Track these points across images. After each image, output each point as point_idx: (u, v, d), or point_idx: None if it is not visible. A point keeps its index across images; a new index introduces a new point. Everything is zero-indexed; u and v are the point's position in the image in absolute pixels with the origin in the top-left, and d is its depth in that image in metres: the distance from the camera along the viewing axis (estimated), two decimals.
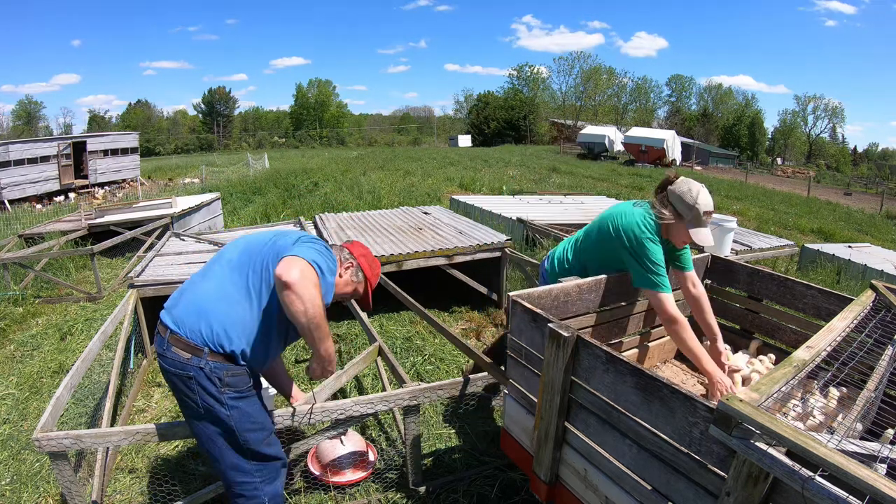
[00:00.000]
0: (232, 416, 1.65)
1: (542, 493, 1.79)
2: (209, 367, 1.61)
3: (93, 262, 5.60)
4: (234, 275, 1.68)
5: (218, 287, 1.68)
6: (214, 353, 1.62)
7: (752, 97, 57.95)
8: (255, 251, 1.71)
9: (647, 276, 2.00)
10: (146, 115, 56.56)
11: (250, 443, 1.70)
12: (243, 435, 1.68)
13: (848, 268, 5.66)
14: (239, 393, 1.66)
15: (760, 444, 1.05)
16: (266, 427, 1.77)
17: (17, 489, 2.57)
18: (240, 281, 1.66)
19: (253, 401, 1.72)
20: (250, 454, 1.72)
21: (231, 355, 1.64)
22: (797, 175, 34.10)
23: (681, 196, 1.98)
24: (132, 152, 21.26)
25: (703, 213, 1.96)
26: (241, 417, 1.67)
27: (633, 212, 2.06)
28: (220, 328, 1.62)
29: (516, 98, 50.76)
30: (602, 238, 2.13)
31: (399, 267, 4.41)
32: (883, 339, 1.62)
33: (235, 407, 1.66)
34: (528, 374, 1.83)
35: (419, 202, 10.15)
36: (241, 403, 1.67)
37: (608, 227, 2.09)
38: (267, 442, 1.77)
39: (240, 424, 1.67)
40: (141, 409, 3.31)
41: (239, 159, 25.38)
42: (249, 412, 1.69)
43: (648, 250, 1.98)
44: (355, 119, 66.57)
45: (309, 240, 1.73)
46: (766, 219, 11.80)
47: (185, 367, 1.61)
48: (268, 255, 1.68)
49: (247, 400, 1.69)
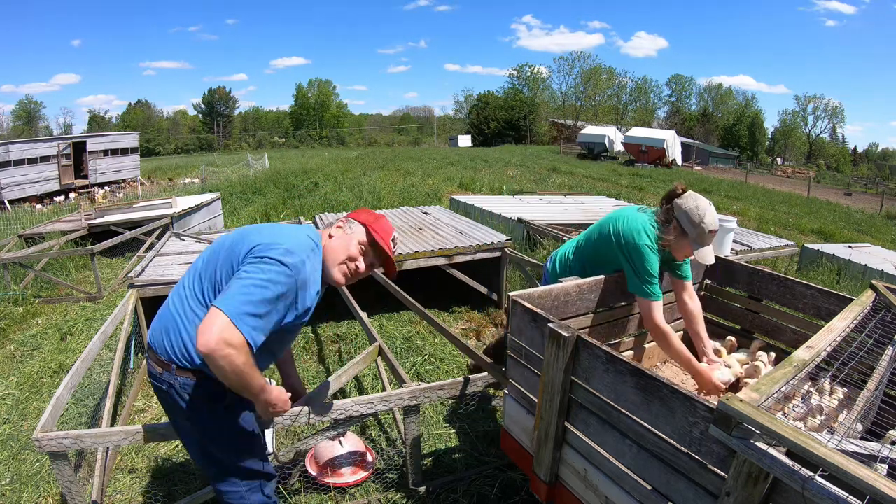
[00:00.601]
0: (206, 430, 1.60)
1: (542, 493, 1.79)
2: (178, 382, 1.52)
3: (93, 262, 5.60)
4: (196, 285, 1.53)
5: (180, 299, 1.55)
6: (182, 369, 1.51)
7: (752, 97, 58.09)
8: (213, 259, 1.53)
9: (640, 283, 2.01)
10: (146, 115, 56.54)
11: (228, 456, 1.63)
12: (220, 447, 1.62)
13: (848, 268, 5.66)
14: (214, 405, 1.57)
15: (760, 444, 1.05)
16: (246, 441, 1.66)
17: (17, 489, 2.57)
18: (200, 293, 1.51)
19: (231, 413, 1.62)
20: (230, 467, 1.65)
21: (200, 370, 1.52)
22: (797, 175, 34.10)
23: (688, 213, 1.94)
24: (132, 152, 21.25)
25: (709, 233, 1.94)
26: (219, 431, 1.60)
27: (636, 217, 2.05)
28: (180, 344, 1.50)
29: (516, 98, 50.75)
30: (602, 240, 2.14)
31: (399, 267, 4.41)
32: (883, 339, 1.62)
33: (212, 420, 1.59)
34: (528, 374, 1.83)
35: (419, 202, 10.15)
36: (219, 416, 1.59)
37: (609, 229, 2.09)
38: (250, 455, 1.67)
39: (215, 438, 1.61)
40: (141, 409, 3.31)
41: (239, 159, 25.39)
42: (227, 425, 1.61)
43: (645, 258, 1.97)
44: (355, 119, 66.57)
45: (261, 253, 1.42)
46: (766, 219, 11.80)
47: (159, 380, 1.56)
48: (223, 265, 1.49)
49: (224, 412, 1.60)
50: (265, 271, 1.39)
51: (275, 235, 1.47)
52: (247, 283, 1.37)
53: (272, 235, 1.47)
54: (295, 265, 1.43)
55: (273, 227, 1.54)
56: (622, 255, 2.03)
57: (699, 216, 1.92)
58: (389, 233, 1.66)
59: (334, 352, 4.10)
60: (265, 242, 1.44)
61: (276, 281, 1.39)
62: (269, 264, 1.40)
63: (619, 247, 2.04)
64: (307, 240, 1.52)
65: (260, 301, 1.36)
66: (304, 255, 1.47)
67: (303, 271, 1.46)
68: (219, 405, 1.57)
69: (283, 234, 1.49)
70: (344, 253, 1.59)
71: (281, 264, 1.40)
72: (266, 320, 1.40)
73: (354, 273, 1.63)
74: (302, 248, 1.47)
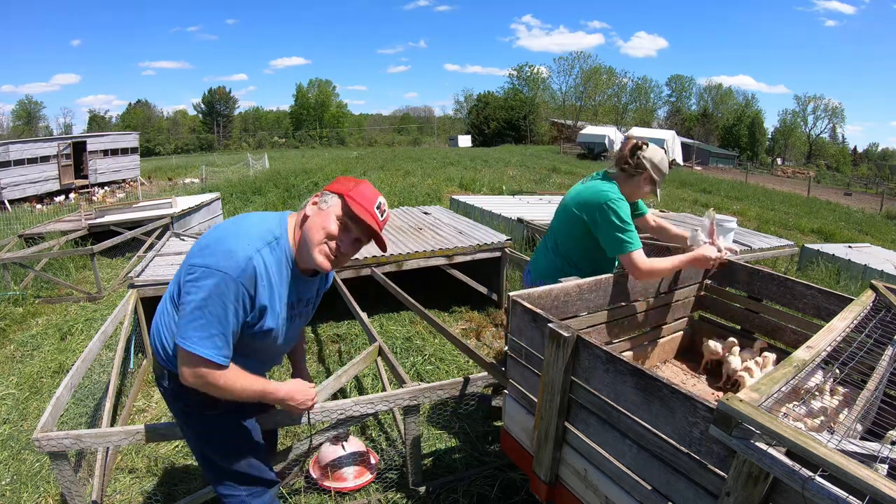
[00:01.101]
0: (201, 434, 1.60)
1: (542, 493, 1.78)
2: (172, 385, 1.52)
3: (93, 262, 5.60)
4: (175, 288, 1.46)
5: (163, 305, 1.52)
6: (173, 374, 1.49)
7: (752, 97, 58.13)
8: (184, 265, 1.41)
9: (619, 235, 2.05)
10: (146, 115, 56.59)
11: (223, 461, 1.62)
12: (215, 453, 1.62)
13: (848, 268, 5.66)
14: (207, 412, 1.55)
15: (760, 444, 1.05)
16: (242, 446, 1.64)
17: (17, 489, 2.57)
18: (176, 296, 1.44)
19: (225, 417, 1.59)
20: (226, 472, 1.63)
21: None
22: (797, 175, 34.10)
23: (658, 164, 2.16)
24: (132, 152, 21.26)
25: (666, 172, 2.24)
26: (211, 436, 1.59)
27: (591, 184, 2.19)
28: (165, 349, 1.49)
29: (516, 98, 50.75)
30: (571, 220, 2.19)
31: (399, 267, 4.41)
32: (883, 339, 1.62)
33: (204, 425, 1.58)
34: (528, 374, 1.83)
35: (419, 202, 10.15)
36: (211, 422, 1.57)
37: (572, 207, 2.18)
38: (247, 462, 1.64)
39: (209, 442, 1.60)
40: (141, 409, 3.31)
41: (239, 159, 25.39)
42: (220, 429, 1.59)
43: (619, 209, 2.06)
44: (355, 119, 66.60)
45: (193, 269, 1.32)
46: (766, 219, 11.80)
47: (159, 382, 1.58)
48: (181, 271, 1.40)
49: (218, 419, 1.58)
50: (200, 288, 1.29)
51: (217, 240, 1.35)
52: (189, 308, 1.31)
53: (215, 240, 1.35)
54: (237, 266, 1.29)
55: (222, 228, 1.41)
56: (595, 222, 2.10)
57: (667, 165, 2.20)
58: (372, 200, 1.42)
59: (334, 352, 4.10)
60: (201, 251, 1.34)
61: (213, 294, 1.29)
62: (203, 279, 1.30)
63: (589, 215, 2.11)
64: (262, 233, 1.38)
65: (206, 323, 1.30)
66: (252, 251, 1.33)
67: (248, 270, 1.31)
68: (211, 410, 1.55)
69: (227, 235, 1.36)
70: (321, 232, 1.39)
71: (215, 272, 1.29)
72: (225, 334, 1.33)
73: (337, 253, 1.42)
74: (249, 244, 1.34)
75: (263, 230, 1.39)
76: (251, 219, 1.44)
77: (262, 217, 1.45)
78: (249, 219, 1.44)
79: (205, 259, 1.31)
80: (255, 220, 1.44)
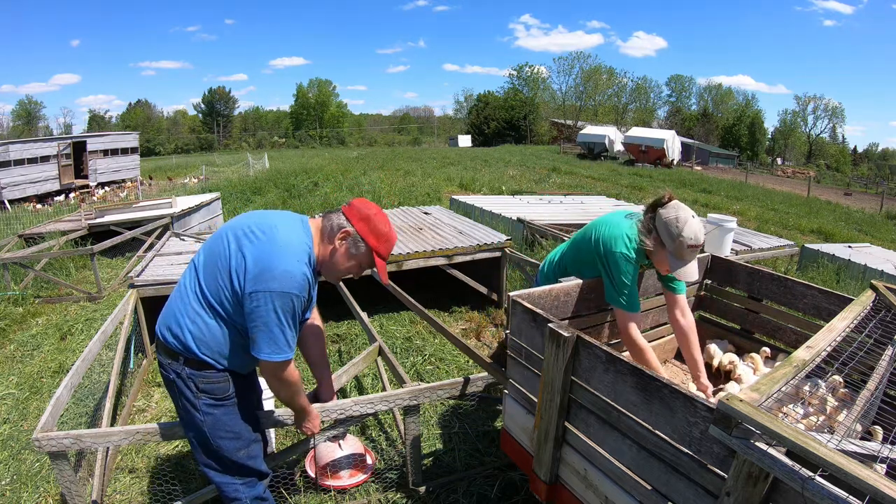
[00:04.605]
0: (205, 422, 1.65)
1: (542, 493, 1.79)
2: (185, 373, 1.61)
3: (93, 262, 5.60)
4: (196, 286, 1.60)
5: (181, 294, 1.63)
6: (189, 360, 1.60)
7: (752, 97, 58.05)
8: (212, 263, 1.58)
9: (615, 294, 1.92)
10: (146, 115, 56.65)
11: (223, 450, 1.69)
12: (216, 442, 1.67)
13: (848, 268, 5.66)
14: (215, 400, 1.64)
15: (760, 444, 1.05)
16: (243, 437, 1.72)
17: (17, 489, 2.57)
18: (201, 294, 1.58)
19: (230, 409, 1.68)
20: (225, 461, 1.71)
21: (204, 362, 1.61)
22: (797, 175, 34.09)
23: (666, 224, 1.80)
24: (132, 152, 21.29)
25: (688, 247, 1.78)
26: (215, 424, 1.66)
27: (619, 224, 1.94)
28: (184, 337, 1.59)
29: (516, 98, 50.76)
30: (584, 245, 2.07)
31: (399, 267, 4.41)
32: (883, 339, 1.62)
33: (210, 413, 1.65)
34: (528, 374, 1.83)
35: (419, 202, 10.15)
36: (217, 411, 1.65)
37: (591, 235, 2.01)
38: (246, 453, 1.73)
39: (213, 431, 1.66)
40: (141, 409, 3.31)
41: (239, 159, 25.40)
42: (225, 420, 1.67)
43: (620, 268, 1.87)
44: (355, 119, 66.62)
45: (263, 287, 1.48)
46: (766, 219, 11.80)
47: (167, 369, 1.65)
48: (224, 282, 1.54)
49: (224, 408, 1.67)
50: (272, 310, 1.50)
51: (268, 265, 1.50)
52: (269, 328, 1.51)
53: (266, 265, 1.50)
54: (298, 284, 1.52)
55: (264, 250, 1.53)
56: (600, 263, 1.95)
57: (678, 229, 1.77)
58: (390, 250, 1.70)
59: (334, 352, 4.10)
60: (257, 278, 1.50)
61: (287, 311, 1.52)
62: (273, 301, 1.49)
63: (597, 254, 1.96)
64: (302, 247, 1.57)
65: (285, 335, 1.54)
66: (303, 266, 1.55)
67: (305, 283, 1.55)
68: (220, 399, 1.66)
69: (273, 256, 1.51)
70: (345, 271, 1.69)
71: (282, 294, 1.50)
72: (295, 336, 1.60)
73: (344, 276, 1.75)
74: (299, 260, 1.54)
75: (301, 244, 1.58)
76: (282, 231, 1.58)
77: (289, 227, 1.60)
78: (280, 230, 1.57)
79: (268, 285, 1.49)
80: (285, 231, 1.58)
